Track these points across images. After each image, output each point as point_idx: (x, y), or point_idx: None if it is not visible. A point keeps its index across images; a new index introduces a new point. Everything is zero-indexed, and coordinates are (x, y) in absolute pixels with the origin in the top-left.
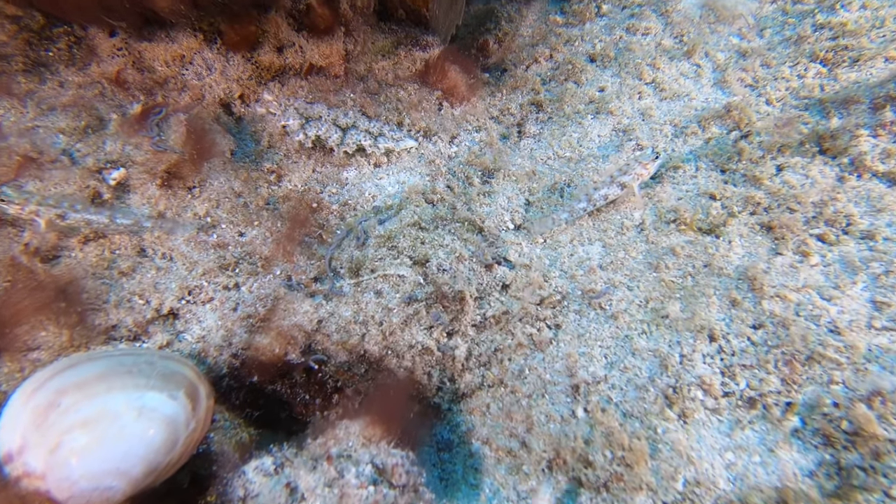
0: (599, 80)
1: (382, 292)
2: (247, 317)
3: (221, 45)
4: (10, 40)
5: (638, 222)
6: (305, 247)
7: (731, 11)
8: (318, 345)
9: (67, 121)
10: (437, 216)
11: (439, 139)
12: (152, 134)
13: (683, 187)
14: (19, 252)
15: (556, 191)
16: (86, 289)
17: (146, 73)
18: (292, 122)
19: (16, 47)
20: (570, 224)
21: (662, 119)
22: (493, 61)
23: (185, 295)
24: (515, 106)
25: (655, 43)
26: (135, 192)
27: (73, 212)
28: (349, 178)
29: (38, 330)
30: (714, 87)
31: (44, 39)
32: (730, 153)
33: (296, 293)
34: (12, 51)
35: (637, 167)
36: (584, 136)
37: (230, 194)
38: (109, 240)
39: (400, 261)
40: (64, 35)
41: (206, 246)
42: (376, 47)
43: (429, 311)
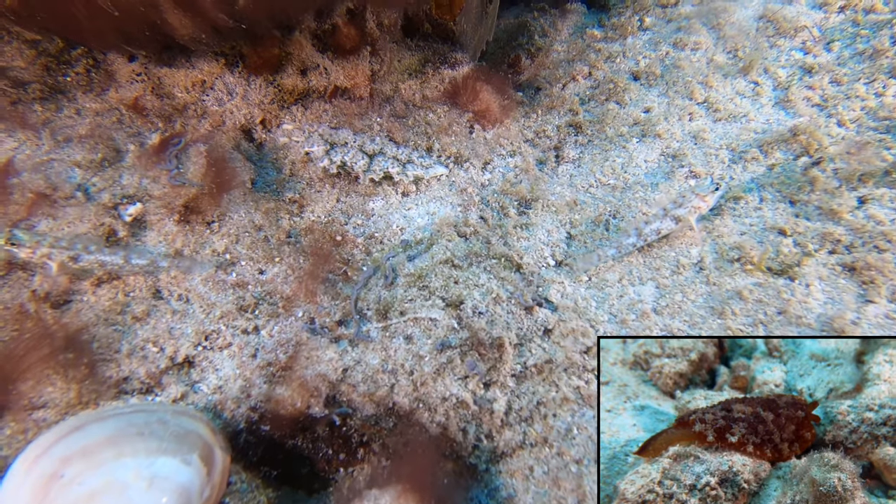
0: (645, 99)
1: (413, 337)
2: (267, 365)
3: (243, 68)
4: (29, 66)
5: (696, 260)
6: (329, 285)
7: (793, 23)
8: (343, 396)
9: (84, 153)
10: (470, 252)
11: (471, 165)
12: (171, 167)
13: (747, 221)
14: (28, 299)
15: (601, 223)
16: (97, 337)
17: (165, 99)
18: (316, 148)
19: (33, 73)
20: (618, 261)
21: (717, 143)
22: (526, 78)
23: (202, 341)
24: (552, 128)
25: (707, 59)
26: (151, 229)
27: (87, 253)
28: (375, 208)
29: (44, 385)
30: (776, 107)
31: (62, 64)
32: (800, 182)
33: (319, 338)
34: (30, 77)
35: (694, 199)
36: (628, 162)
37: (250, 228)
38: (124, 281)
39: (432, 302)
40: (82, 58)
41: (224, 286)
42: (402, 65)
43: (463, 359)
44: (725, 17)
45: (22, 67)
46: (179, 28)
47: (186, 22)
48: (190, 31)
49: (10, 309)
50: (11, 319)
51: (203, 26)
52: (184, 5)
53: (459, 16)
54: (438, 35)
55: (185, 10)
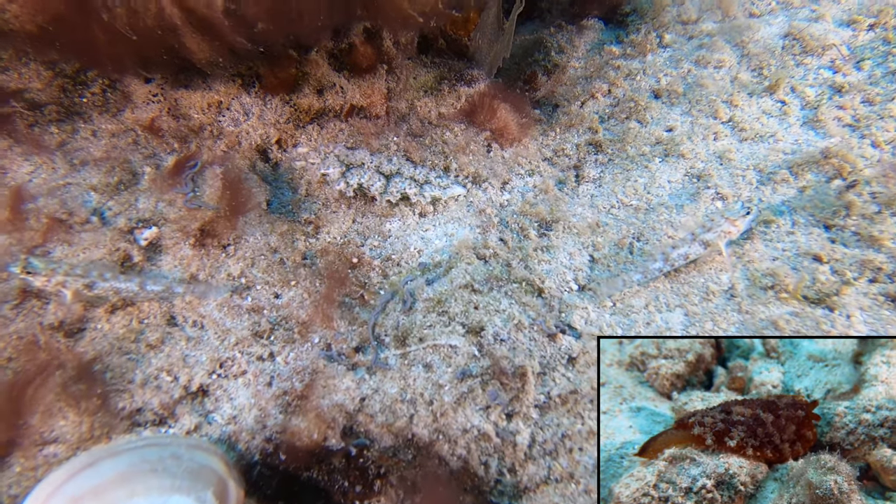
0: (667, 118)
1: (432, 365)
2: (282, 394)
3: (259, 88)
4: (45, 87)
5: (727, 287)
6: (346, 309)
7: (820, 41)
8: (360, 426)
9: (100, 176)
10: (491, 276)
11: (489, 186)
12: (186, 189)
13: (779, 246)
14: (41, 330)
15: (625, 247)
16: (110, 367)
17: (181, 120)
18: (332, 170)
19: (50, 95)
20: (644, 286)
21: (744, 164)
22: (542, 94)
23: (217, 368)
24: (571, 147)
25: (731, 77)
26: (167, 253)
27: (102, 281)
28: (392, 229)
29: (56, 418)
30: (804, 127)
31: (78, 84)
32: (835, 206)
33: (336, 365)
34: (46, 98)
35: (724, 223)
36: (651, 182)
37: (266, 251)
38: (138, 307)
39: (451, 329)
40: (98, 78)
41: (239, 311)
42: (418, 83)
43: (485, 388)
44: (749, 35)
45: (39, 89)
46: (197, 52)
47: (204, 46)
48: (208, 55)
49: (23, 339)
50: (24, 349)
51: (221, 50)
52: (202, 29)
53: (474, 31)
54: (453, 51)
55: (204, 34)
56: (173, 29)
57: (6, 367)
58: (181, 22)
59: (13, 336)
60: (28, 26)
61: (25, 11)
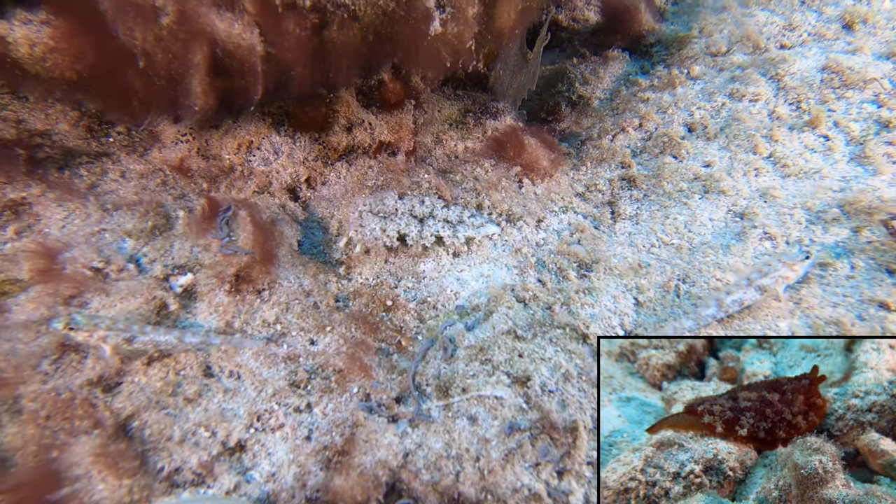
0: (704, 153)
1: (477, 418)
2: (322, 449)
3: (289, 126)
4: (72, 129)
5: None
6: (383, 356)
7: (861, 75)
8: (404, 484)
9: (134, 222)
10: (534, 321)
11: (524, 224)
12: (222, 234)
13: (839, 291)
14: (79, 386)
15: (672, 290)
16: (148, 423)
17: (211, 160)
18: (373, 228)
19: (77, 136)
20: (695, 333)
21: (790, 202)
22: (566, 126)
23: (254, 422)
24: (604, 182)
25: (768, 111)
26: (202, 300)
27: (142, 334)
28: (426, 270)
29: (95, 482)
30: (851, 164)
31: (104, 124)
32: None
33: (376, 417)
34: (74, 141)
35: (781, 268)
36: (692, 220)
37: (300, 294)
38: (174, 359)
39: (496, 378)
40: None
41: (276, 360)
42: (443, 116)
43: (535, 443)
44: (785, 68)
45: (66, 130)
46: (230, 96)
47: (240, 89)
48: (245, 102)
49: (61, 396)
50: (62, 407)
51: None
52: (240, 74)
53: (493, 62)
54: (472, 81)
55: (240, 78)
56: (210, 73)
57: (44, 427)
58: (217, 66)
59: (51, 393)
60: (67, 73)
61: (65, 59)
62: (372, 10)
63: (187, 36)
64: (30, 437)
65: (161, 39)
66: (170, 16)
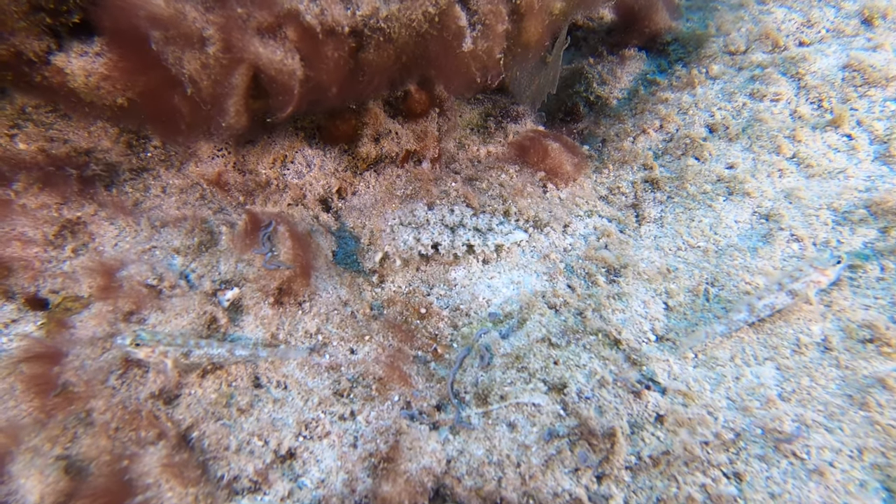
0: (727, 154)
1: (517, 425)
2: (368, 456)
3: (319, 139)
4: (114, 145)
5: (819, 339)
6: (421, 364)
7: (883, 73)
8: (447, 489)
9: (181, 238)
10: (567, 328)
11: (551, 230)
12: (264, 250)
13: (870, 293)
14: (144, 399)
15: (701, 294)
16: (206, 434)
17: (248, 174)
18: (407, 238)
19: (119, 152)
20: (727, 337)
21: (816, 202)
22: (584, 126)
23: (302, 430)
24: (627, 184)
25: (790, 110)
26: (248, 314)
27: (197, 349)
28: (458, 277)
29: (164, 490)
30: (876, 163)
31: (141, 139)
32: None
33: (418, 425)
34: (116, 157)
35: (812, 272)
36: (717, 223)
37: (338, 304)
38: (226, 371)
39: (533, 386)
40: None
41: (319, 369)
42: (464, 121)
43: (574, 449)
44: (805, 67)
45: (108, 147)
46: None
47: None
48: (285, 119)
49: (128, 408)
50: (129, 420)
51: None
52: (280, 94)
53: (511, 65)
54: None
55: (279, 98)
56: (247, 95)
57: (114, 438)
58: (248, 88)
59: (119, 406)
60: (119, 100)
61: (117, 87)
62: (406, 32)
63: (231, 63)
64: (102, 447)
65: (207, 67)
66: (216, 45)
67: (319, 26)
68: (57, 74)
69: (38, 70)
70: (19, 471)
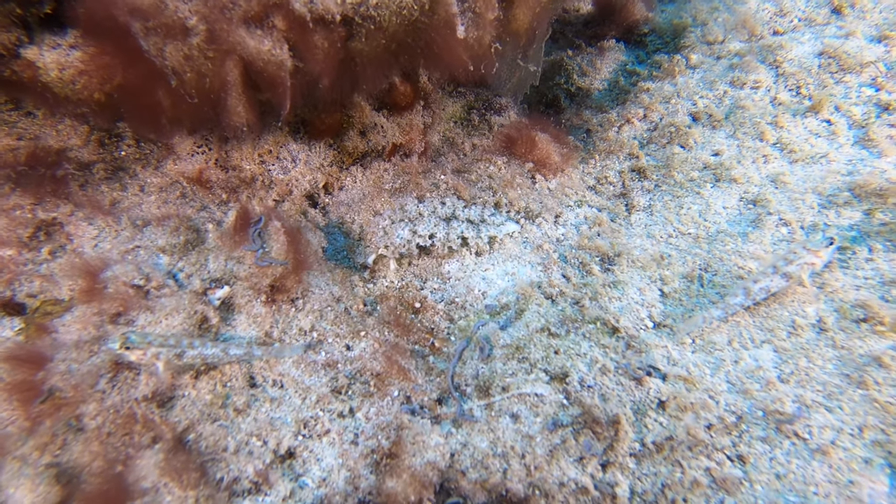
0: (711, 142)
1: (520, 416)
2: (370, 452)
3: (304, 133)
4: (85, 144)
5: (814, 320)
6: (419, 358)
7: (857, 59)
8: (452, 483)
9: (166, 237)
10: (565, 317)
11: (543, 220)
12: (255, 247)
13: (860, 274)
14: (136, 402)
15: (696, 280)
16: (203, 435)
17: (231, 171)
18: (404, 233)
19: (91, 151)
20: (723, 321)
21: (801, 187)
22: (566, 118)
23: (301, 429)
24: (614, 174)
25: (770, 97)
26: (240, 312)
27: (191, 349)
28: (451, 271)
29: (163, 494)
30: (856, 147)
31: (113, 137)
32: None
33: (420, 419)
34: (89, 156)
35: (805, 254)
36: (706, 209)
37: (331, 301)
38: (220, 371)
39: (535, 376)
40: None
41: (316, 367)
42: (448, 114)
43: (578, 438)
44: (782, 54)
45: (79, 146)
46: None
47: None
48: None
49: (120, 412)
50: (122, 424)
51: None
52: (268, 88)
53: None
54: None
55: (267, 92)
56: (247, 89)
57: (106, 443)
58: (246, 82)
59: (111, 410)
60: (96, 95)
61: (94, 81)
62: (397, 20)
63: (217, 54)
64: (95, 453)
65: (191, 58)
66: (199, 35)
67: (309, 14)
68: (27, 68)
69: (6, 63)
70: (7, 480)
